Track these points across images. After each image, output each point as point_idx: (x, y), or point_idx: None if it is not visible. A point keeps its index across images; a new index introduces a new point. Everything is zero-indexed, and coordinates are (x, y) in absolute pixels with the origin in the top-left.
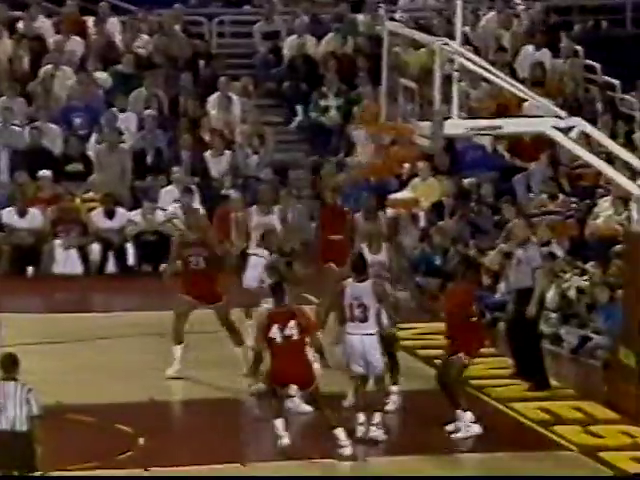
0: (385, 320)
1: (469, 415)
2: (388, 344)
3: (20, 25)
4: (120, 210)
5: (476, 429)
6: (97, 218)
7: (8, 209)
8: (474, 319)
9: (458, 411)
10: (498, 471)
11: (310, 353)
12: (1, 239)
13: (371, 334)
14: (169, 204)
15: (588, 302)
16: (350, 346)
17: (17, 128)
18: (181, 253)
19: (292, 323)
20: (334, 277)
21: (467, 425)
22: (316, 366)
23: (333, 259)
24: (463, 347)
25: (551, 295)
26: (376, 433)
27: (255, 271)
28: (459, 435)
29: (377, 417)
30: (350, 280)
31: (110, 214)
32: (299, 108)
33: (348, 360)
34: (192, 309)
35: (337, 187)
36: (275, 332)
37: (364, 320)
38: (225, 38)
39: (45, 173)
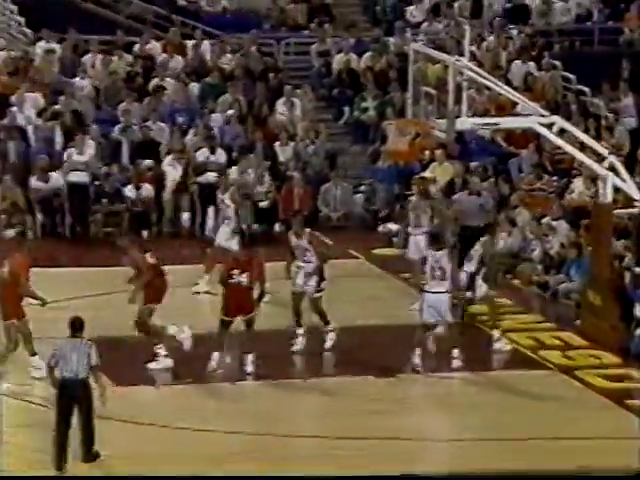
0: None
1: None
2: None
3: (136, 47)
4: None
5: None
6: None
7: (129, 186)
8: None
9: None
10: (497, 386)
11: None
12: (123, 208)
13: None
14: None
15: (564, 257)
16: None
17: (134, 126)
18: None
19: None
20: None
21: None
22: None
23: None
24: None
25: (538, 252)
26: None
27: None
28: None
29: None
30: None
31: None
32: (345, 109)
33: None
34: None
35: None
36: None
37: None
38: (289, 56)
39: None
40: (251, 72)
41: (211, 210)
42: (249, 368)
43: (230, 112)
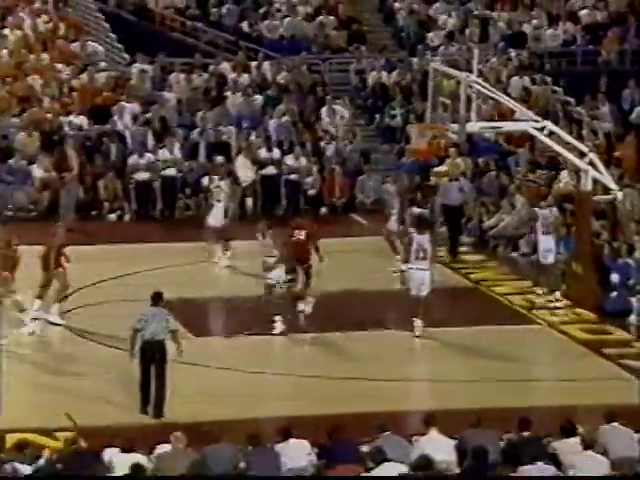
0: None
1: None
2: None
3: (211, 67)
4: None
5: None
6: None
7: (206, 177)
8: None
9: None
10: (497, 337)
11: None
12: (202, 196)
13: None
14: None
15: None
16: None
17: (209, 130)
18: None
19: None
20: None
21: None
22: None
23: None
24: None
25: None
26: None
27: None
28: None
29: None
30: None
31: None
32: (377, 116)
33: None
34: None
35: None
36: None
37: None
38: (332, 73)
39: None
40: (302, 86)
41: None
42: (307, 308)
43: (285, 119)
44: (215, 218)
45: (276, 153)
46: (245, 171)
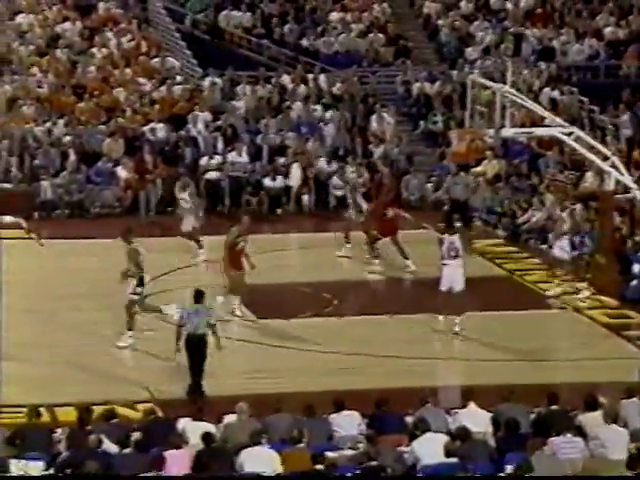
0: None
1: None
2: None
3: (273, 79)
4: None
5: None
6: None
7: (267, 178)
8: None
9: None
10: (527, 320)
11: None
12: (264, 194)
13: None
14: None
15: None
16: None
17: (272, 135)
18: None
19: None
20: None
21: None
22: None
23: None
24: None
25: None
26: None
27: None
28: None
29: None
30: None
31: None
32: (421, 122)
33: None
34: None
35: None
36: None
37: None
38: (381, 84)
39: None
40: (354, 96)
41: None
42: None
43: (339, 125)
44: (187, 224)
45: (333, 166)
46: (297, 180)
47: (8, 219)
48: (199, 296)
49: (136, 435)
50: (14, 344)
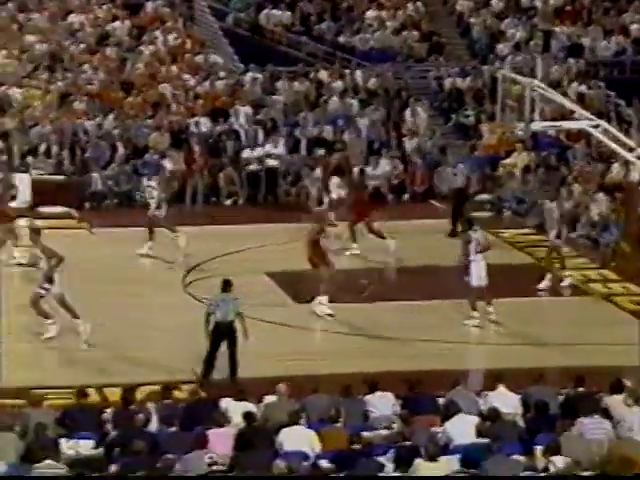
0: None
1: None
2: None
3: (311, 75)
4: None
5: None
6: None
7: (306, 169)
8: None
9: None
10: (555, 307)
11: None
12: (302, 185)
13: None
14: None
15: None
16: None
17: (309, 128)
18: None
19: None
20: None
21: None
22: None
23: None
24: None
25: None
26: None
27: None
28: None
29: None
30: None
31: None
32: (452, 116)
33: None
34: None
35: None
36: None
37: None
38: (414, 79)
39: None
40: (388, 91)
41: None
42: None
43: (374, 118)
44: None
45: (369, 170)
46: (338, 191)
47: (60, 210)
48: (227, 285)
49: (181, 414)
50: (67, 328)
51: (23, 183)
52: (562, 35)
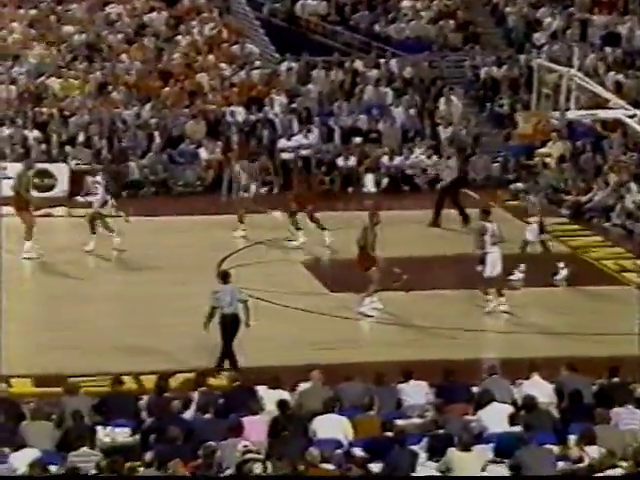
0: None
1: None
2: None
3: (346, 64)
4: None
5: None
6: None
7: (340, 157)
8: None
9: None
10: (589, 299)
11: None
12: (337, 173)
13: None
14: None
15: None
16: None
17: (344, 117)
18: None
19: None
20: None
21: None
22: None
23: None
24: None
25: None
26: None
27: None
28: None
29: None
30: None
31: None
32: (487, 104)
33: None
34: None
35: None
36: None
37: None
38: (450, 68)
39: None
40: (423, 80)
41: None
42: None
43: (409, 107)
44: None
45: (397, 160)
46: (371, 186)
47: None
48: (226, 276)
49: (218, 402)
50: (108, 314)
51: (62, 173)
52: (599, 24)
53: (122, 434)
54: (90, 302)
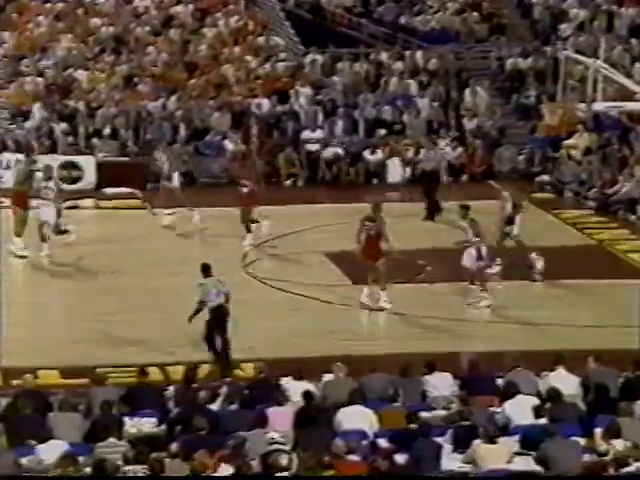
0: None
1: None
2: None
3: (371, 56)
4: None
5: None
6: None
7: (367, 150)
8: None
9: None
10: (615, 291)
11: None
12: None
13: None
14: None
15: None
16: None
17: (369, 109)
18: None
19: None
20: None
21: None
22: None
23: None
24: None
25: None
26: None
27: None
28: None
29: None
30: None
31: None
32: (513, 96)
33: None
34: None
35: None
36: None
37: None
38: (475, 60)
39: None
40: (448, 71)
41: None
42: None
43: (434, 98)
44: (47, 215)
45: (422, 153)
46: (395, 175)
47: (124, 190)
48: (207, 269)
49: (244, 393)
50: (131, 307)
51: (89, 165)
52: (625, 15)
53: (148, 424)
54: (116, 294)
